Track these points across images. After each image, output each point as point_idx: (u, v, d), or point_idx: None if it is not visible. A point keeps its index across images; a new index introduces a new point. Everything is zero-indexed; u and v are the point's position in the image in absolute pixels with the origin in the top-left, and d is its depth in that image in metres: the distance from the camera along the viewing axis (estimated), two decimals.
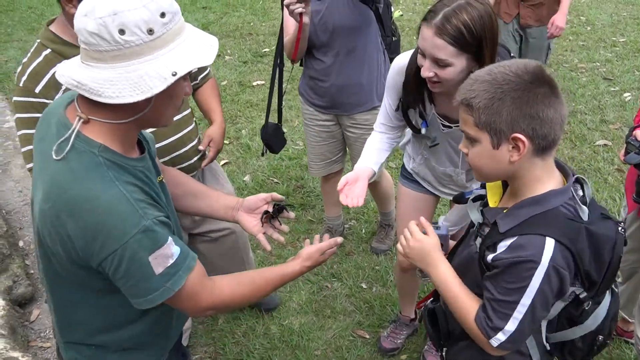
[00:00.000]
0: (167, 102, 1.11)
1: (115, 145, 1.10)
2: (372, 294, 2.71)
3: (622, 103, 4.29)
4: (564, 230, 1.10)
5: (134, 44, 1.00)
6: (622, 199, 3.24)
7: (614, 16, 5.99)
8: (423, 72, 1.52)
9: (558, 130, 1.11)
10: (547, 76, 1.11)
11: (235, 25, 6.19)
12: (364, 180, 1.72)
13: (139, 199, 1.07)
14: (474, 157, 1.18)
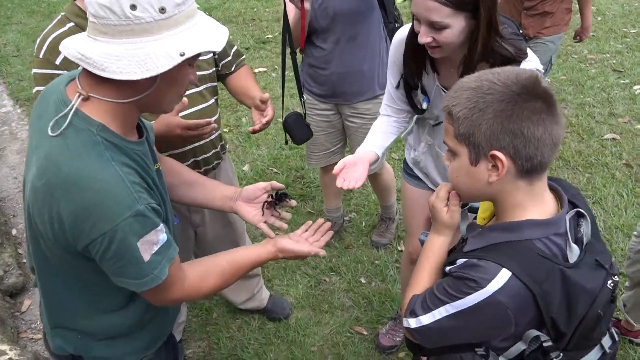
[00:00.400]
0: (170, 85, 1.09)
1: (114, 125, 1.07)
2: (371, 289, 2.65)
3: (632, 96, 4.18)
4: (528, 267, 0.97)
5: (144, 20, 0.98)
6: (630, 195, 3.16)
7: (626, 7, 5.84)
8: (420, 38, 1.42)
9: (547, 152, 0.97)
10: (542, 89, 0.97)
11: (238, 11, 6.08)
12: (364, 163, 1.61)
13: (134, 182, 1.05)
14: (452, 173, 1.08)
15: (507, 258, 0.98)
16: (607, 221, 2.97)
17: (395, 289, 2.63)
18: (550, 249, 1.00)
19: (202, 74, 1.74)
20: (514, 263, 0.97)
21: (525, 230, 1.01)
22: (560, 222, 1.02)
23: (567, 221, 1.03)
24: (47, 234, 1.07)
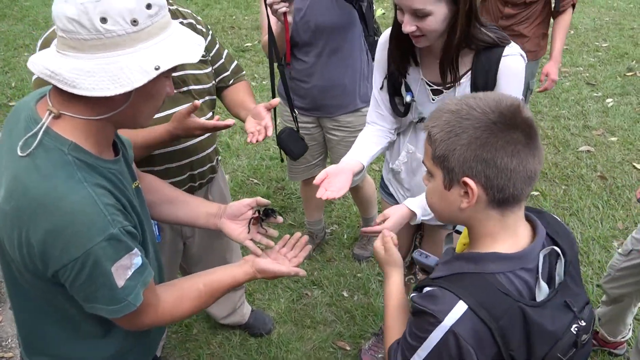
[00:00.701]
0: (146, 100, 1.04)
1: (87, 144, 1.02)
2: (353, 302, 2.63)
3: (604, 109, 4.29)
4: (486, 302, 0.94)
5: (116, 34, 0.94)
6: (605, 207, 3.23)
7: (597, 21, 6.01)
8: (404, 27, 1.42)
9: (520, 185, 0.95)
10: (521, 119, 0.94)
11: (217, 18, 6.04)
12: (347, 173, 1.57)
13: (108, 203, 0.99)
14: (428, 193, 1.08)
15: (466, 291, 0.96)
16: (583, 233, 3.02)
17: (378, 302, 2.62)
18: (515, 285, 0.97)
19: (202, 88, 1.71)
20: (470, 296, 0.95)
21: (488, 263, 0.98)
22: (528, 257, 0.99)
23: (541, 258, 1.00)
24: (17, 259, 1.01)
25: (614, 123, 4.08)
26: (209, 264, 2.06)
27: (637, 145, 3.80)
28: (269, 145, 3.85)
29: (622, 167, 3.58)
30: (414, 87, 1.62)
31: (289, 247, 1.41)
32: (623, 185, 3.41)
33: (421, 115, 1.64)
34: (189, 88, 1.67)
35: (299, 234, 1.45)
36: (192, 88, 1.68)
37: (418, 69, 1.60)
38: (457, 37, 1.42)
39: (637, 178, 3.47)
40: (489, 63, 1.47)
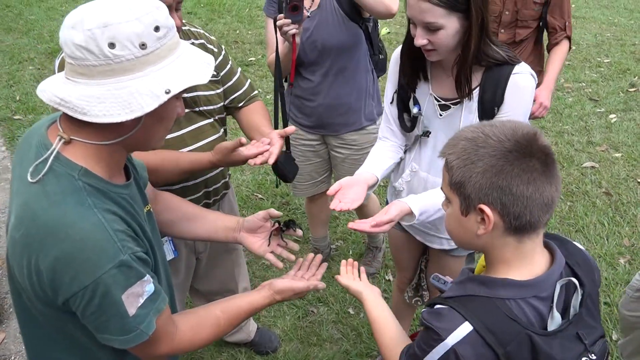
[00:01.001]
0: (157, 123, 1.04)
1: (98, 168, 1.01)
2: (359, 320, 2.61)
3: (608, 124, 4.30)
4: (493, 326, 0.95)
5: (125, 58, 0.93)
6: (611, 223, 3.22)
7: (598, 37, 6.05)
8: (416, 41, 1.44)
9: (537, 212, 0.95)
10: (538, 148, 0.95)
11: (221, 33, 6.07)
12: (361, 184, 1.56)
13: (118, 230, 0.98)
14: (446, 219, 1.09)
15: (474, 313, 0.97)
16: (590, 250, 3.01)
17: None
18: (525, 312, 0.97)
19: (213, 108, 1.72)
20: (479, 320, 0.95)
21: (499, 289, 0.98)
22: (541, 286, 0.99)
23: (557, 288, 0.99)
24: (27, 287, 1.00)
25: (617, 139, 4.09)
26: (215, 279, 2.08)
27: None
28: None
29: (626, 184, 3.58)
30: (422, 101, 1.63)
31: (304, 269, 1.41)
32: (628, 201, 3.41)
33: (426, 129, 1.64)
34: (200, 109, 1.68)
35: (312, 254, 1.44)
36: (203, 109, 1.69)
37: (427, 83, 1.61)
38: (472, 52, 1.43)
39: None
40: (497, 80, 1.47)
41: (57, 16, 6.51)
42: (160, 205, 1.40)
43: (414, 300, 2.06)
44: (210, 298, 2.13)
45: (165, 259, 1.25)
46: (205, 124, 1.70)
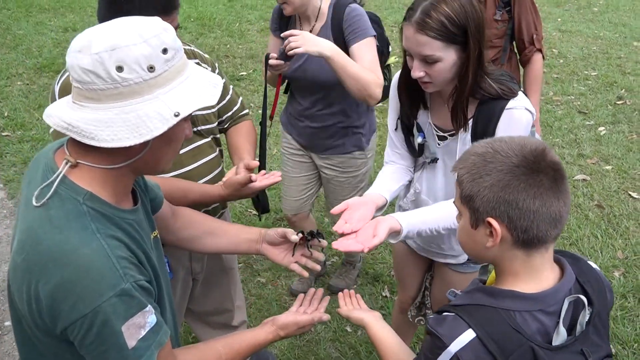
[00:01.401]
0: (165, 145, 1.02)
1: (104, 193, 1.00)
2: (357, 337, 2.58)
3: (597, 137, 4.35)
4: (496, 335, 0.96)
5: (133, 81, 0.92)
6: (604, 236, 3.24)
7: (585, 50, 6.15)
8: (413, 73, 1.43)
9: (544, 227, 0.96)
10: (547, 164, 0.97)
11: (212, 47, 6.07)
12: (369, 206, 1.51)
13: (121, 257, 0.96)
14: (458, 231, 1.11)
15: (478, 321, 0.98)
16: None
17: None
18: (529, 325, 0.98)
19: (209, 127, 1.72)
20: (482, 328, 0.97)
21: (506, 300, 1.00)
22: (548, 300, 1.00)
23: (566, 304, 1.00)
24: (26, 314, 0.97)
25: (607, 151, 4.13)
26: (212, 299, 2.04)
27: (631, 174, 3.85)
28: None
29: (618, 196, 3.61)
30: (424, 128, 1.63)
31: (306, 303, 1.39)
32: (620, 214, 3.43)
33: (434, 156, 1.63)
34: (198, 129, 1.67)
35: (313, 289, 1.44)
36: (200, 128, 1.68)
37: (427, 112, 1.61)
38: (469, 84, 1.42)
39: (633, 207, 3.50)
40: (490, 114, 1.46)
41: (46, 31, 6.47)
42: (181, 221, 1.40)
43: (417, 319, 2.04)
44: (205, 319, 2.10)
45: (169, 287, 1.22)
46: (202, 143, 1.69)
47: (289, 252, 1.43)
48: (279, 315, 1.31)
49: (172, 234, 1.39)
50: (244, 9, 7.34)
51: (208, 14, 7.05)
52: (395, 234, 1.47)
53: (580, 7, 7.73)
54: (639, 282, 2.88)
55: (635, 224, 3.34)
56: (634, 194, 3.63)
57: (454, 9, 1.34)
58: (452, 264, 1.80)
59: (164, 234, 1.38)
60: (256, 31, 6.60)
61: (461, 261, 1.78)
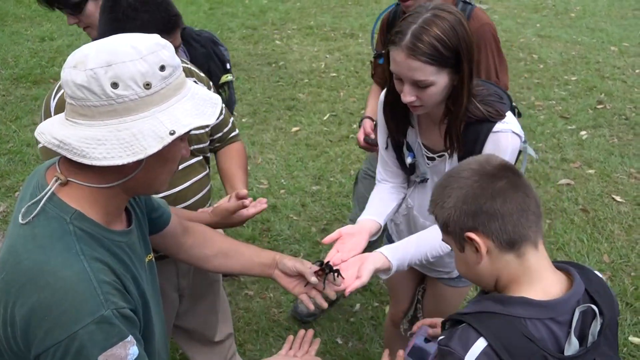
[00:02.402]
0: (161, 165, 1.00)
1: (94, 212, 0.97)
2: (348, 349, 2.55)
3: (580, 141, 4.39)
4: (508, 344, 0.95)
5: (128, 98, 0.90)
6: (590, 240, 3.27)
7: (564, 55, 6.23)
8: (404, 98, 1.38)
9: (516, 220, 0.98)
10: (494, 166, 1.02)
11: None
12: (363, 234, 1.50)
13: (104, 281, 0.91)
14: (456, 265, 1.14)
15: (489, 330, 0.98)
16: None
17: (373, 348, 2.55)
18: (541, 333, 0.97)
19: (202, 147, 1.70)
20: (494, 336, 0.96)
21: (516, 307, 0.99)
22: (558, 309, 0.99)
23: (577, 314, 0.99)
24: (1, 336, 0.92)
25: (589, 155, 4.18)
26: (198, 314, 2.00)
27: (614, 177, 3.89)
28: (251, 185, 3.78)
29: (602, 200, 3.65)
30: (413, 146, 1.60)
31: (296, 346, 1.36)
32: (605, 217, 3.46)
33: (424, 176, 1.61)
34: (191, 148, 1.64)
35: (302, 331, 1.41)
36: (194, 147, 1.66)
37: (416, 131, 1.58)
38: (464, 106, 1.38)
39: (617, 210, 3.53)
40: (475, 136, 1.43)
41: (22, 40, 6.33)
42: (193, 239, 1.37)
43: (410, 332, 2.02)
44: (192, 336, 2.05)
45: (162, 313, 1.17)
46: (194, 162, 1.67)
47: (301, 282, 1.41)
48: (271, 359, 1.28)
49: (183, 251, 1.36)
50: (225, 16, 7.29)
51: (189, 22, 6.96)
52: (386, 271, 1.45)
53: (558, 12, 7.84)
54: (625, 286, 2.90)
55: (620, 228, 3.38)
56: (617, 197, 3.67)
57: (445, 30, 1.29)
58: (444, 279, 1.78)
59: (175, 251, 1.35)
60: (238, 39, 6.56)
61: (453, 276, 1.76)
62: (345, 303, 2.82)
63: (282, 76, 5.56)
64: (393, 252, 1.46)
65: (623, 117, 4.77)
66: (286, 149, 4.23)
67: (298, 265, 1.37)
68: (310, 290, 1.39)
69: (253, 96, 5.12)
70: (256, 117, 4.73)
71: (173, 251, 1.36)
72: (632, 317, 2.72)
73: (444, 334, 1.05)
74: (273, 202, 3.58)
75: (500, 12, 7.79)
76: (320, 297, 1.38)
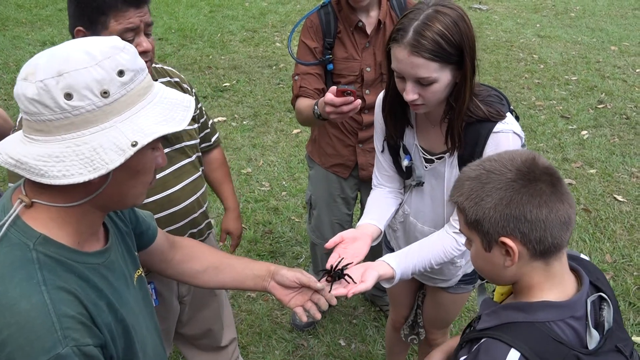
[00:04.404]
0: (131, 177, 0.92)
1: (63, 234, 0.90)
2: (351, 351, 2.55)
3: (580, 141, 4.39)
4: (539, 349, 0.94)
5: (85, 109, 0.82)
6: (592, 240, 3.26)
7: (564, 55, 6.23)
8: (407, 96, 1.35)
9: (557, 232, 0.96)
10: (540, 171, 0.97)
11: (194, 58, 6.02)
12: (365, 239, 1.47)
13: (66, 315, 0.83)
14: (472, 258, 1.09)
15: (517, 339, 0.95)
16: None
17: (376, 350, 2.55)
18: (566, 334, 0.97)
19: (194, 143, 1.67)
20: (524, 344, 0.94)
21: (539, 312, 0.98)
22: (577, 305, 0.99)
23: (589, 305, 1.00)
24: None
25: (591, 155, 4.18)
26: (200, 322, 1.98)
27: (615, 177, 3.89)
28: (253, 188, 3.79)
29: (603, 199, 3.65)
30: (410, 148, 1.58)
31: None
32: (607, 217, 3.46)
33: (420, 180, 1.58)
34: (182, 145, 1.63)
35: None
36: (185, 144, 1.64)
37: (413, 133, 1.56)
38: (466, 104, 1.37)
39: (619, 210, 3.53)
40: (476, 136, 1.41)
41: (23, 45, 6.35)
42: (181, 254, 1.30)
43: (410, 338, 2.01)
44: (194, 342, 2.04)
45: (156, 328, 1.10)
46: (186, 163, 1.65)
47: (298, 293, 1.33)
48: None
49: (171, 267, 1.30)
50: (225, 19, 7.30)
51: (189, 25, 6.99)
52: (389, 279, 1.43)
53: (557, 12, 7.85)
54: (628, 286, 2.90)
55: (622, 227, 3.37)
56: (619, 197, 3.66)
57: (448, 26, 1.27)
58: (443, 287, 1.78)
59: (163, 267, 1.29)
60: (238, 41, 6.57)
61: (451, 284, 1.75)
62: (348, 305, 2.82)
63: (283, 78, 5.56)
64: (397, 260, 1.44)
65: (624, 116, 4.77)
66: (287, 151, 4.23)
67: (299, 276, 1.30)
68: (306, 302, 1.32)
69: (254, 99, 5.12)
70: (257, 119, 4.73)
71: (160, 268, 1.29)
72: (635, 317, 2.72)
73: (462, 354, 1.02)
74: (275, 205, 3.58)
75: (500, 12, 7.80)
76: (315, 309, 1.31)
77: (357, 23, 1.98)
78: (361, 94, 2.06)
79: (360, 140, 2.18)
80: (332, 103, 1.47)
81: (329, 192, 2.32)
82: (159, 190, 1.56)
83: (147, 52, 1.42)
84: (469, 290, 1.81)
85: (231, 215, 2.05)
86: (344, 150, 2.22)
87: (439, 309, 1.86)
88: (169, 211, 1.58)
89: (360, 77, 2.04)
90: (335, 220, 2.36)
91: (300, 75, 2.01)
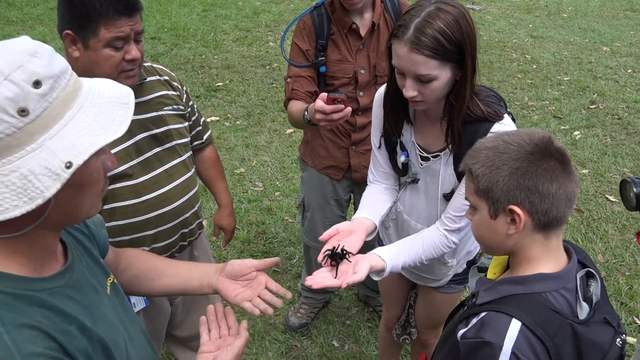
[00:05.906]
0: (78, 192, 0.83)
1: (16, 264, 0.82)
2: (344, 352, 2.54)
3: (573, 141, 4.41)
4: (538, 319, 0.99)
5: (4, 134, 0.72)
6: (584, 240, 3.28)
7: (557, 55, 6.26)
8: (406, 93, 1.36)
9: (562, 207, 1.03)
10: (554, 149, 1.04)
11: (187, 58, 5.99)
12: (360, 233, 1.46)
13: (33, 354, 0.76)
14: (474, 226, 1.14)
15: (518, 310, 1.00)
16: None
17: (370, 350, 2.54)
18: (560, 303, 1.03)
19: (185, 142, 1.66)
20: (524, 314, 0.99)
21: (535, 284, 1.04)
22: (568, 277, 1.06)
23: (578, 279, 1.06)
24: None
25: (583, 155, 4.19)
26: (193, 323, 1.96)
27: (607, 177, 3.91)
28: (246, 188, 3.77)
29: (596, 200, 3.66)
30: (407, 145, 1.58)
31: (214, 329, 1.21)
32: (599, 217, 3.48)
33: (415, 177, 1.58)
34: (172, 144, 1.61)
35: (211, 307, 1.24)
36: (176, 143, 1.62)
37: (411, 129, 1.56)
38: (466, 102, 1.37)
39: (611, 210, 3.55)
40: (473, 135, 1.41)
41: None
42: (124, 263, 1.23)
43: (402, 338, 2.01)
44: (187, 344, 2.03)
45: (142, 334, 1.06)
46: (177, 162, 1.64)
47: (246, 287, 1.24)
48: None
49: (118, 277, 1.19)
50: (218, 18, 7.27)
51: (182, 24, 6.96)
52: (379, 272, 1.43)
53: (550, 13, 7.88)
54: (619, 286, 2.92)
55: (614, 227, 3.39)
56: (611, 197, 3.68)
57: (449, 24, 1.27)
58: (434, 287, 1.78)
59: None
60: (231, 41, 6.54)
61: (442, 284, 1.75)
62: (341, 306, 2.81)
63: (276, 78, 5.55)
64: (388, 253, 1.46)
65: (616, 117, 4.80)
66: (281, 151, 4.22)
67: (253, 262, 1.23)
68: (254, 298, 1.23)
69: (247, 98, 5.10)
70: (250, 119, 4.72)
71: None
72: (627, 317, 2.73)
73: (460, 328, 1.06)
74: (268, 205, 3.57)
75: (493, 12, 7.83)
76: (264, 305, 1.24)
77: (351, 25, 1.98)
78: (355, 96, 2.05)
79: (354, 142, 2.17)
80: (323, 110, 1.47)
81: (322, 194, 2.31)
82: (149, 190, 1.55)
83: (135, 60, 1.41)
84: (461, 290, 1.81)
85: (225, 211, 2.05)
86: (337, 152, 2.21)
87: (430, 308, 1.86)
88: (160, 211, 1.57)
89: (354, 80, 2.03)
90: (329, 222, 2.35)
91: (292, 77, 2.01)
